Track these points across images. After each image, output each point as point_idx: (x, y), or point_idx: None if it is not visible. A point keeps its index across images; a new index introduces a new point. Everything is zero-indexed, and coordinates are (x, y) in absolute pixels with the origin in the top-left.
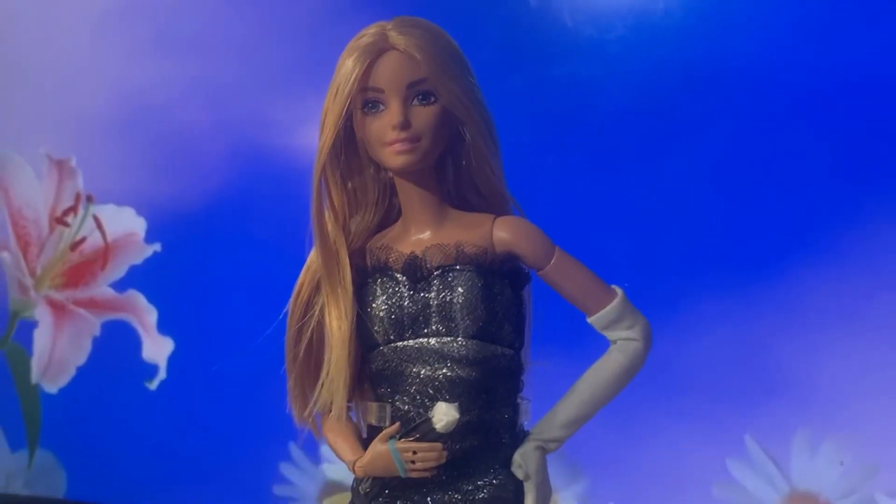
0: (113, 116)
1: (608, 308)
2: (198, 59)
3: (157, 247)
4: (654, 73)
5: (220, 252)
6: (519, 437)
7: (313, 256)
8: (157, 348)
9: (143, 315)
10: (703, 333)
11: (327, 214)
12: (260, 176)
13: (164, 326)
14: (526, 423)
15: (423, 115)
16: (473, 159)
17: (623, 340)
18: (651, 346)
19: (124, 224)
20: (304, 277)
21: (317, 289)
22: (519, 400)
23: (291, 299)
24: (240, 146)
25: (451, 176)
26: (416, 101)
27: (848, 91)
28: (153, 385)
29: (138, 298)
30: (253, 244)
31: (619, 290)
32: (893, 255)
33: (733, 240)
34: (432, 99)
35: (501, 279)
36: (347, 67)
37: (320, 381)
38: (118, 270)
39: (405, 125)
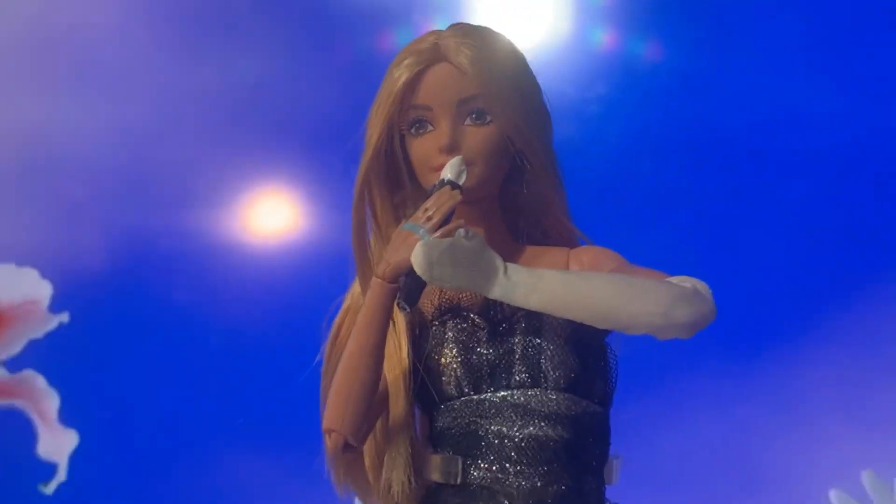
0: (14, 160)
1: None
2: (117, 99)
3: (63, 317)
4: (639, 135)
5: (140, 326)
6: None
7: (354, 290)
8: (57, 443)
9: (41, 401)
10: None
11: (373, 239)
12: (188, 237)
13: (67, 416)
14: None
15: (477, 137)
16: (536, 193)
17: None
18: (705, 314)
19: (24, 289)
20: (343, 317)
21: None
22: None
23: (327, 345)
24: (162, 202)
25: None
26: (469, 121)
27: (838, 157)
28: (49, 489)
29: (36, 380)
30: (180, 316)
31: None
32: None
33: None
34: (488, 119)
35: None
36: (392, 78)
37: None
38: (13, 346)
39: (453, 147)
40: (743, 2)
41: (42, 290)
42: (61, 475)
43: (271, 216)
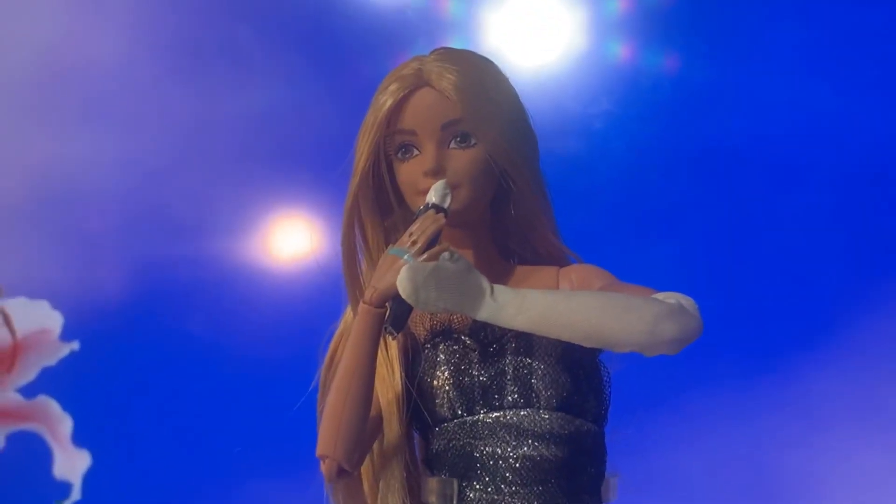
0: (25, 197)
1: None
2: (127, 136)
3: (74, 345)
4: (642, 150)
5: (147, 352)
6: None
7: (347, 316)
8: (71, 464)
9: (56, 425)
10: (698, 434)
11: (365, 264)
12: (196, 265)
13: (80, 438)
14: (613, 499)
15: (462, 160)
16: (523, 214)
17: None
18: (691, 329)
19: (37, 319)
20: (337, 343)
21: None
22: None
23: (322, 371)
24: (174, 232)
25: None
26: (453, 144)
27: (848, 170)
28: None
29: (50, 405)
30: (187, 343)
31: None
32: None
33: (731, 331)
34: (472, 141)
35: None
36: (377, 104)
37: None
38: (28, 373)
39: (438, 171)
40: (755, 17)
41: (54, 320)
42: (76, 494)
43: (286, 243)
